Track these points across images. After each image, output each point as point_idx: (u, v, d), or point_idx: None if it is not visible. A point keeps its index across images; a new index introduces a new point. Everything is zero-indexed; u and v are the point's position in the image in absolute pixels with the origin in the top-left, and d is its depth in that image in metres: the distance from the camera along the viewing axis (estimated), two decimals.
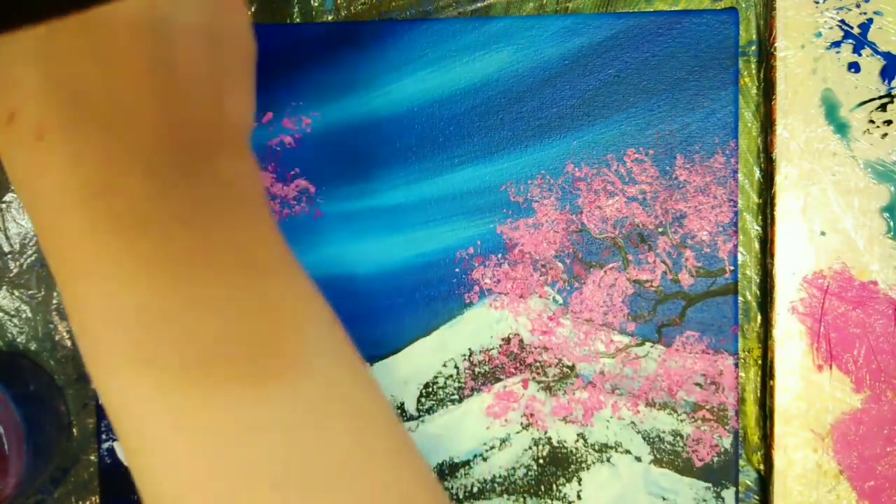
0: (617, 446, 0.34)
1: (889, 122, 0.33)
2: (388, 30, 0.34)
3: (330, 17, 0.35)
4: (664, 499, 0.33)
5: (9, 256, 0.35)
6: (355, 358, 0.20)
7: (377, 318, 0.34)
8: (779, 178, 0.33)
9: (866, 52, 0.33)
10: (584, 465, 0.34)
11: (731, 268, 0.33)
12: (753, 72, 0.35)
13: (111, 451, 0.34)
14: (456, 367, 0.34)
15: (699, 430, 0.33)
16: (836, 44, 0.33)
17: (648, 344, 0.33)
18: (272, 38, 0.34)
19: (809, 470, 0.33)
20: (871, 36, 0.33)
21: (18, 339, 0.35)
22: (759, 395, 0.34)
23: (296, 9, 0.35)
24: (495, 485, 0.34)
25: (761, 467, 0.34)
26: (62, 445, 0.35)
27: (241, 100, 0.19)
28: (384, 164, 0.34)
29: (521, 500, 0.34)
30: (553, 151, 0.34)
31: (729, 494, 0.33)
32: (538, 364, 0.34)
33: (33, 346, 0.35)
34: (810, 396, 0.33)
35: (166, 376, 0.17)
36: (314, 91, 0.34)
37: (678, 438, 0.33)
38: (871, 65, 0.33)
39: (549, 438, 0.34)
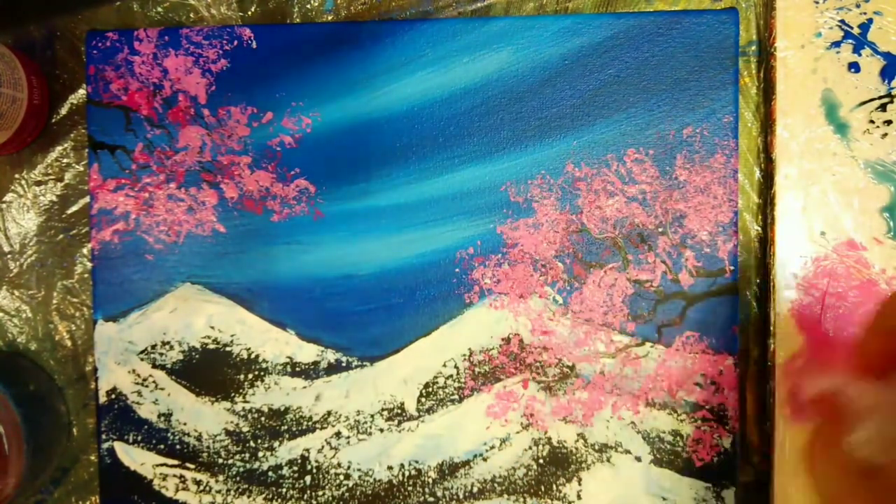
0: (617, 446, 0.34)
1: (889, 122, 0.33)
2: (388, 30, 0.34)
3: (330, 17, 0.35)
4: (664, 499, 0.33)
5: (9, 256, 0.35)
6: None
7: (377, 318, 0.34)
8: (779, 178, 0.33)
9: (866, 52, 0.33)
10: (584, 465, 0.34)
11: (731, 268, 0.33)
12: (753, 72, 0.35)
13: (111, 451, 0.34)
14: (456, 367, 0.34)
15: (699, 430, 0.33)
16: (836, 44, 0.33)
17: (648, 344, 0.33)
18: (272, 38, 0.34)
19: None
20: (871, 36, 0.33)
21: (18, 339, 0.35)
22: (759, 395, 0.34)
23: (296, 9, 0.35)
24: (495, 485, 0.34)
25: (761, 467, 0.34)
26: (62, 445, 0.35)
27: None
28: (384, 164, 0.34)
29: (521, 500, 0.34)
30: (553, 151, 0.34)
31: (729, 494, 0.33)
32: (538, 364, 0.34)
33: (33, 346, 0.35)
34: None
35: None
36: (314, 91, 0.34)
37: (678, 438, 0.33)
38: (871, 65, 0.33)
39: (549, 438, 0.34)
